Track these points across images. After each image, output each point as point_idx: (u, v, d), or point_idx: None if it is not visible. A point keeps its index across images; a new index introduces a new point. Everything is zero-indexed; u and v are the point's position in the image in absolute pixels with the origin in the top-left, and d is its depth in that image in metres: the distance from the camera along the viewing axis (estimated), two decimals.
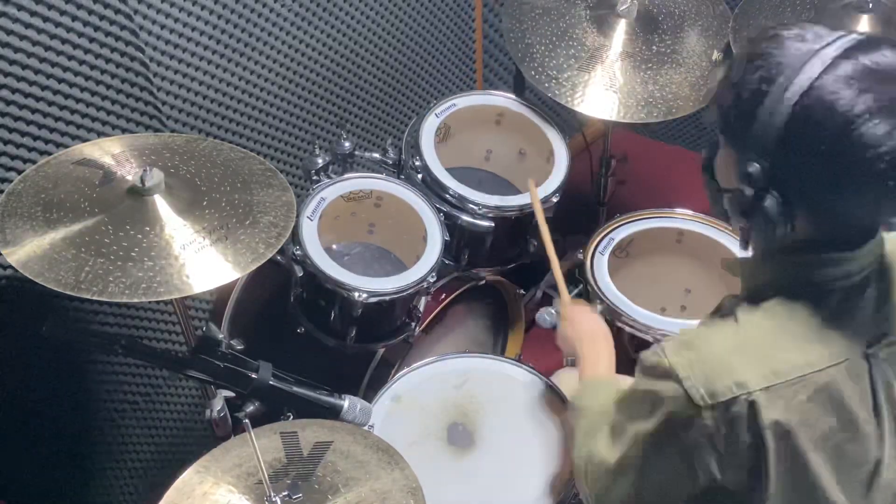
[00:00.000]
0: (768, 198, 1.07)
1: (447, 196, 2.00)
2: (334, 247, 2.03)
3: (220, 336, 1.55)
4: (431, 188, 2.01)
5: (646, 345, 1.85)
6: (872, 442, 1.16)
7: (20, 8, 1.59)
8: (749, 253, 1.23)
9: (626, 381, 1.72)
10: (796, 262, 1.14)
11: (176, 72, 1.93)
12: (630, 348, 1.94)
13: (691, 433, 1.12)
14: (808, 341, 1.11)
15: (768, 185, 1.07)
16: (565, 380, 1.81)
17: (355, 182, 1.97)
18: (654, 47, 2.12)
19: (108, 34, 1.74)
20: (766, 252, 1.18)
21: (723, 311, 1.20)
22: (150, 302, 1.77)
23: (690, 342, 1.14)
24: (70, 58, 1.70)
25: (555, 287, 2.60)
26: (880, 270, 1.16)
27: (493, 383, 1.81)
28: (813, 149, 1.02)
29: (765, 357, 1.10)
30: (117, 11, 1.74)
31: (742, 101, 1.07)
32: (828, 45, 1.04)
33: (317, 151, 2.01)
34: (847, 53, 1.03)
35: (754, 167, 1.07)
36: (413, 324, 1.94)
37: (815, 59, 1.03)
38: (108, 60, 1.77)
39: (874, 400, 1.15)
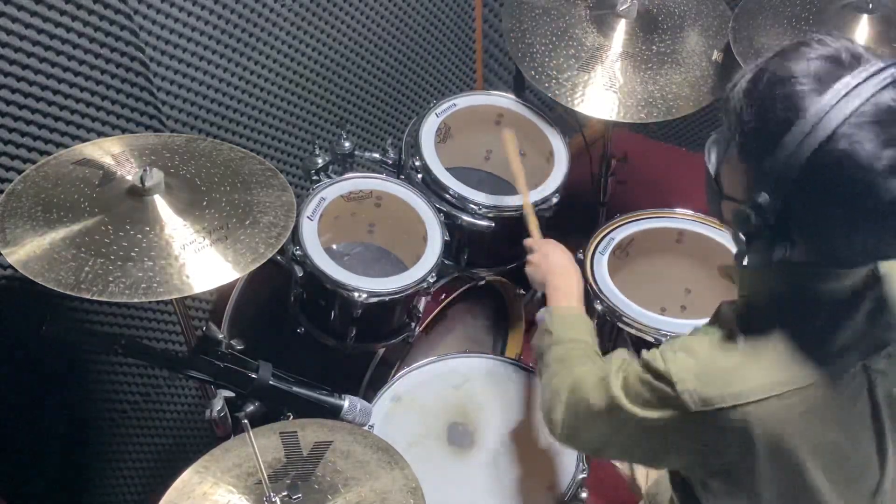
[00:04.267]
0: (772, 230, 1.06)
1: (447, 196, 2.00)
2: (334, 247, 2.03)
3: (220, 336, 1.55)
4: (431, 188, 2.01)
5: (646, 345, 1.85)
6: (873, 456, 1.16)
7: (20, 8, 1.59)
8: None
9: None
10: (794, 275, 1.13)
11: (176, 72, 1.93)
12: (630, 349, 1.94)
13: (678, 431, 1.14)
14: (808, 355, 1.11)
15: (776, 218, 1.05)
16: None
17: (355, 182, 1.97)
18: (654, 47, 2.12)
19: (108, 34, 1.74)
20: (765, 265, 1.17)
21: (721, 321, 1.19)
22: (150, 302, 1.77)
23: (690, 348, 1.15)
24: (70, 58, 1.70)
25: None
26: (874, 282, 1.15)
27: (493, 383, 1.81)
28: (830, 195, 1.00)
29: (763, 372, 1.10)
30: (117, 11, 1.74)
31: (766, 125, 1.03)
32: (864, 80, 0.98)
33: (317, 151, 2.01)
34: (881, 94, 0.97)
35: (764, 198, 1.04)
36: (413, 324, 1.94)
37: (848, 98, 0.98)
38: (108, 60, 1.77)
39: (874, 413, 1.15)
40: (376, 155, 2.15)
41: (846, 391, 1.12)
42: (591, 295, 1.93)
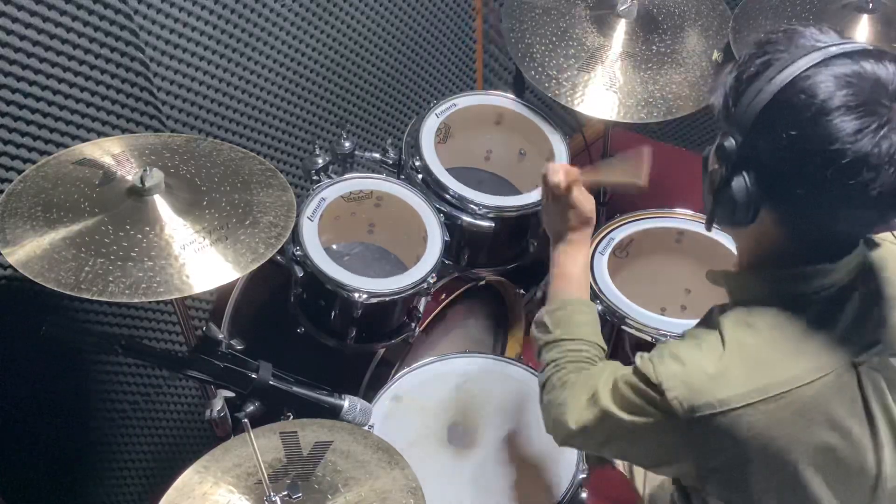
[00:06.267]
0: (736, 176, 1.08)
1: (447, 196, 2.00)
2: (334, 247, 2.03)
3: (220, 336, 1.55)
4: (431, 188, 2.01)
5: (646, 345, 1.85)
6: (869, 453, 1.16)
7: (20, 8, 1.59)
8: (727, 244, 1.25)
9: None
10: (779, 276, 1.14)
11: (176, 72, 1.93)
12: (630, 348, 1.94)
13: (668, 437, 1.15)
14: (794, 355, 1.12)
15: (738, 163, 1.08)
16: None
17: (355, 182, 1.97)
18: (654, 47, 2.12)
19: (108, 34, 1.74)
20: (751, 266, 1.19)
21: (710, 325, 1.20)
22: (150, 302, 1.77)
23: (678, 355, 1.16)
24: (70, 58, 1.70)
25: None
26: (863, 277, 1.16)
27: (493, 383, 1.81)
28: (783, 132, 1.03)
29: (750, 375, 1.11)
30: (117, 11, 1.74)
31: (739, 82, 1.09)
32: (834, 44, 1.05)
33: (317, 151, 2.00)
34: (848, 55, 1.03)
35: (729, 141, 1.08)
36: (413, 324, 1.94)
37: (815, 53, 1.04)
38: (108, 60, 1.77)
39: (866, 410, 1.15)
40: (376, 155, 2.15)
41: (836, 390, 1.12)
42: (591, 295, 1.93)
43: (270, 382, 1.58)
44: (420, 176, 2.03)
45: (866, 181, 1.00)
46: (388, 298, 1.81)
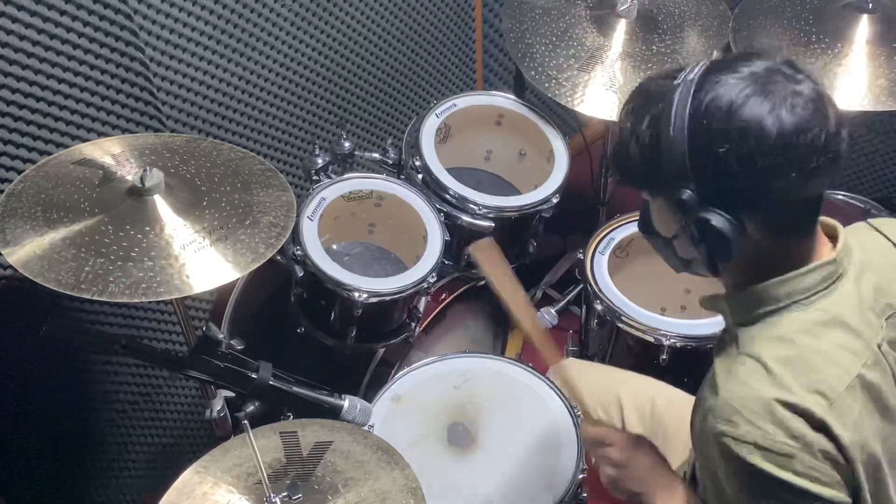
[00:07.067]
0: (711, 215, 1.09)
1: (447, 196, 2.00)
2: (334, 247, 2.03)
3: (220, 336, 1.55)
4: (431, 188, 2.01)
5: (646, 345, 1.85)
6: None
7: (20, 8, 1.59)
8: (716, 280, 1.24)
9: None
10: (779, 283, 1.14)
11: (176, 72, 1.93)
12: (630, 348, 1.94)
13: (801, 481, 1.08)
14: (832, 352, 1.11)
15: (704, 204, 1.09)
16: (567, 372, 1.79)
17: (355, 182, 1.97)
18: (654, 47, 2.12)
19: (108, 34, 1.74)
20: (743, 282, 1.18)
21: (726, 350, 1.18)
22: (150, 302, 1.78)
23: (733, 409, 1.10)
24: (70, 58, 1.70)
25: (554, 286, 2.61)
26: (859, 264, 1.17)
27: (493, 383, 1.81)
28: (720, 152, 1.06)
29: (806, 383, 1.08)
30: (117, 11, 1.74)
31: (644, 150, 1.12)
32: (690, 70, 1.10)
33: (317, 151, 2.01)
34: (709, 70, 1.09)
35: (685, 194, 1.10)
36: (413, 324, 1.94)
37: (683, 85, 1.09)
38: (108, 60, 1.77)
39: None
40: (376, 155, 2.15)
41: (879, 374, 1.13)
42: (591, 295, 1.93)
43: (270, 382, 1.58)
44: (420, 176, 2.03)
45: (820, 141, 1.05)
46: (388, 298, 1.82)
